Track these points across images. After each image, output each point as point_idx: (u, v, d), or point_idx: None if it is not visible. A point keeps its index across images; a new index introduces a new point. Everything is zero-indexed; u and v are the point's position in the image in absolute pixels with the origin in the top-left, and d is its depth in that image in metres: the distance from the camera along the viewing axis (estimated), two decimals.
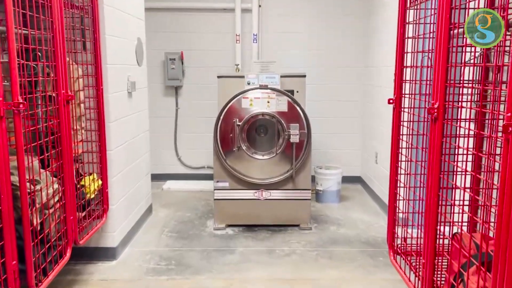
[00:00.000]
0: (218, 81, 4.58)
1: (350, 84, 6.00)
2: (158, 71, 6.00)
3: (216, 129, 4.30)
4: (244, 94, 4.28)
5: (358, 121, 6.07)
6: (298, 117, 4.27)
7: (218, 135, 4.30)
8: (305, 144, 4.30)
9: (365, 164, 5.94)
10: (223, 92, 4.50)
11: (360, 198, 5.55)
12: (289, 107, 4.26)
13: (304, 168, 4.39)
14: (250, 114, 4.25)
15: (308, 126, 4.29)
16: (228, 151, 4.32)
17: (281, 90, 4.30)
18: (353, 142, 6.12)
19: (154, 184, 5.91)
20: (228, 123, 4.27)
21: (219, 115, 4.29)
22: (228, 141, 4.29)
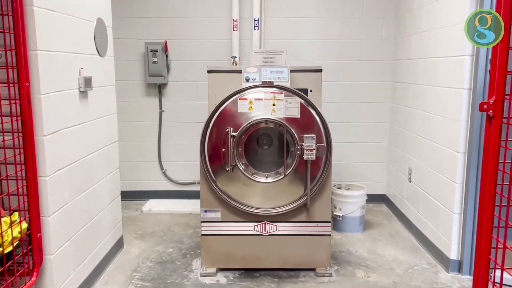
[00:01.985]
0: (209, 77, 3.50)
1: (376, 81, 4.86)
2: (137, 65, 4.87)
3: (204, 141, 3.17)
4: (241, 94, 3.15)
5: (385, 127, 4.92)
6: (314, 125, 3.13)
7: (206, 149, 3.17)
8: (323, 162, 3.17)
9: (392, 180, 4.80)
10: (214, 91, 3.42)
11: (389, 225, 4.40)
12: (302, 112, 3.13)
13: (322, 194, 3.26)
14: (249, 121, 3.11)
15: (328, 137, 3.15)
16: (220, 171, 3.18)
17: (291, 88, 3.16)
18: (377, 153, 4.98)
19: (132, 205, 4.82)
20: (219, 134, 3.14)
21: (207, 123, 3.16)
22: (219, 158, 3.16)
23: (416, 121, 4.04)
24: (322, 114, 3.15)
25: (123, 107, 4.88)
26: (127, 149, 4.98)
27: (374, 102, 4.88)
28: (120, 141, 4.99)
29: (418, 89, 4.00)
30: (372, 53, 4.79)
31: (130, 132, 4.96)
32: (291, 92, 3.14)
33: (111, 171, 3.54)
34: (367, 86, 4.85)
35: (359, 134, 4.93)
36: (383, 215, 4.67)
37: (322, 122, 3.13)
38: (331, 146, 3.15)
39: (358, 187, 4.26)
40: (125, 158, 4.99)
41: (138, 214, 4.69)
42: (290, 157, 3.15)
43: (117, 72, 4.91)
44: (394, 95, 4.74)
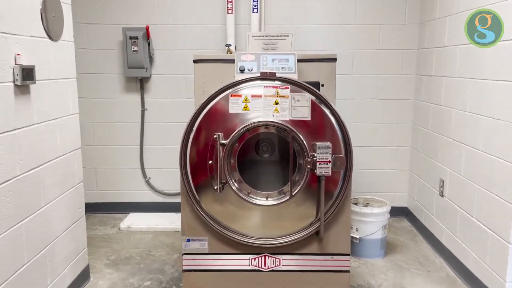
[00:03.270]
0: (195, 69, 2.86)
1: (396, 74, 4.09)
2: (114, 56, 4.12)
3: (184, 150, 2.43)
4: (233, 89, 2.41)
5: (407, 129, 4.17)
6: (329, 130, 2.38)
7: (188, 160, 2.42)
8: (342, 178, 2.42)
9: (416, 192, 4.04)
10: (202, 86, 2.74)
11: (415, 247, 3.65)
12: (313, 113, 2.38)
13: (339, 219, 2.52)
14: (244, 125, 2.36)
15: (347, 146, 2.40)
16: (206, 190, 2.44)
17: (299, 82, 2.41)
18: (398, 159, 4.22)
19: (109, 219, 4.09)
20: (205, 141, 2.39)
21: (188, 127, 2.42)
22: (205, 172, 2.41)
23: (450, 122, 3.28)
24: (340, 116, 2.40)
25: (98, 105, 4.15)
26: (104, 154, 4.25)
27: (395, 99, 4.12)
28: (96, 146, 4.28)
29: (453, 83, 3.24)
30: (392, 40, 4.03)
31: (107, 134, 4.22)
32: (299, 86, 2.39)
33: (71, 187, 2.79)
34: (386, 79, 4.09)
35: (376, 137, 4.18)
36: (406, 234, 3.92)
37: (340, 126, 2.38)
38: (351, 157, 2.40)
39: (379, 202, 3.50)
40: (102, 165, 4.27)
41: (115, 232, 3.94)
42: (298, 172, 2.41)
43: (91, 64, 4.20)
44: (419, 90, 3.98)
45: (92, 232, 3.89)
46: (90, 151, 4.25)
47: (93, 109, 4.19)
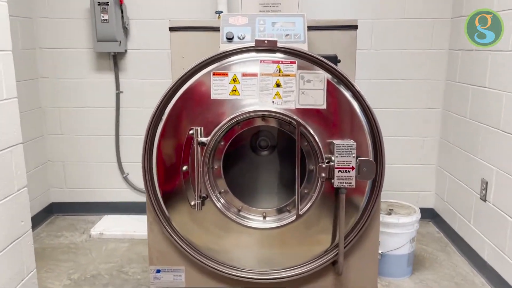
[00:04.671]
0: (172, 39, 2.26)
1: (425, 48, 3.36)
2: (80, 26, 3.40)
3: (149, 148, 1.73)
4: (217, 65, 1.69)
5: (437, 116, 3.45)
6: (353, 122, 1.68)
7: (155, 163, 1.73)
8: (369, 190, 1.72)
9: (446, 192, 3.36)
10: (180, 62, 2.12)
11: (447, 260, 2.98)
12: (331, 99, 1.67)
13: (363, 244, 1.83)
14: (232, 116, 1.65)
15: (377, 145, 1.70)
16: (179, 205, 1.76)
17: (311, 54, 1.69)
18: (424, 152, 3.52)
19: (79, 223, 3.49)
20: (178, 137, 1.69)
21: (155, 116, 1.71)
22: (178, 180, 1.72)
23: (500, 109, 2.57)
24: (368, 103, 1.69)
25: (63, 87, 3.49)
26: (73, 146, 3.57)
27: (422, 80, 3.40)
28: (63, 136, 3.55)
29: (503, 59, 2.51)
30: (420, 7, 3.28)
31: (76, 122, 3.53)
32: (311, 60, 1.68)
33: (8, 196, 2.10)
34: (411, 56, 3.36)
35: (398, 125, 3.47)
36: (435, 242, 3.25)
37: (368, 117, 1.68)
38: (383, 160, 1.70)
39: (405, 208, 2.82)
40: (71, 158, 3.60)
41: (84, 240, 3.28)
42: (307, 181, 1.71)
43: (53, 36, 3.41)
44: (453, 68, 3.25)
45: (56, 241, 3.23)
46: (56, 142, 3.57)
47: (57, 92, 3.49)
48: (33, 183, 3.43)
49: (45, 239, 3.28)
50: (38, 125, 3.51)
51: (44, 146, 3.58)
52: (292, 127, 1.67)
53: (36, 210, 3.48)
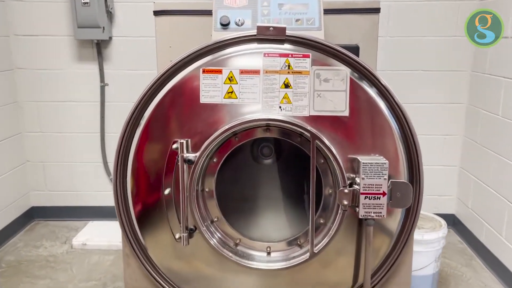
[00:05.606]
0: (157, 24, 1.90)
1: (447, 35, 2.96)
2: (60, 11, 3.01)
3: (123, 159, 1.35)
4: (208, 58, 1.30)
5: (461, 111, 3.08)
6: (384, 135, 1.30)
7: (130, 180, 1.35)
8: (402, 219, 1.35)
9: (472, 197, 2.99)
10: (168, 52, 1.79)
11: (475, 278, 2.64)
12: (355, 103, 1.28)
13: (394, 280, 1.45)
14: (227, 126, 1.27)
15: (415, 163, 1.32)
16: (160, 237, 1.38)
17: (330, 44, 1.30)
18: (446, 151, 3.15)
19: (62, 230, 3.22)
20: (159, 148, 1.31)
21: (131, 121, 1.33)
22: (159, 208, 1.35)
23: None
24: (404, 109, 1.31)
25: (42, 79, 3.14)
26: (54, 144, 3.22)
27: (444, 71, 3.01)
28: (43, 133, 3.13)
29: None
30: None
31: (57, 118, 3.16)
32: (329, 53, 1.29)
33: None
34: (433, 43, 2.97)
35: (416, 121, 3.03)
36: (458, 254, 2.90)
37: (403, 128, 1.30)
38: (421, 182, 1.33)
39: (429, 220, 2.45)
40: (51, 158, 3.25)
41: (65, 251, 2.93)
42: (323, 209, 1.34)
43: (29, 22, 2.89)
44: (481, 58, 2.87)
45: (34, 252, 2.89)
46: (35, 140, 3.21)
47: (35, 85, 3.11)
48: (10, 186, 3.10)
49: (22, 250, 2.93)
50: (15, 122, 3.14)
51: (22, 145, 3.22)
52: (304, 140, 1.30)
53: (14, 215, 3.15)
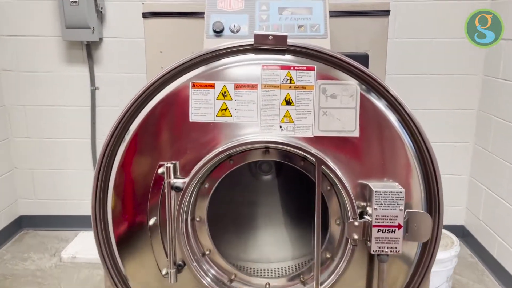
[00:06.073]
0: (146, 27, 1.78)
1: (458, 37, 2.80)
2: (47, 9, 2.84)
3: (102, 193, 1.19)
4: (199, 71, 1.14)
5: (471, 117, 2.91)
6: (398, 159, 1.14)
7: (111, 213, 1.19)
8: (418, 254, 1.19)
9: (483, 208, 2.84)
10: (158, 58, 1.61)
11: None
12: (365, 121, 1.12)
13: None
14: (221, 149, 1.11)
15: (434, 190, 1.16)
16: (145, 272, 1.22)
17: (337, 55, 1.14)
18: (455, 159, 2.99)
19: (51, 241, 3.10)
20: (144, 170, 1.15)
21: (109, 146, 1.17)
22: (144, 239, 1.18)
23: None
24: (421, 128, 1.15)
25: (30, 82, 2.98)
26: (43, 151, 3.06)
27: (453, 75, 2.85)
28: (31, 139, 2.94)
29: None
30: None
31: (46, 123, 3.01)
32: (336, 64, 1.13)
33: None
34: (442, 46, 2.81)
35: (425, 128, 2.91)
36: (469, 269, 2.74)
37: (420, 150, 1.14)
38: (440, 211, 1.17)
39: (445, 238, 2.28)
40: (41, 165, 3.10)
41: (54, 264, 2.78)
42: (330, 241, 1.18)
43: (15, 22, 2.68)
44: (493, 61, 2.71)
45: (21, 265, 2.74)
46: (23, 146, 3.05)
47: (23, 88, 2.96)
48: None
49: (8, 262, 2.78)
50: (1, 127, 2.99)
51: (9, 151, 3.06)
52: (308, 163, 1.14)
53: (2, 224, 3.01)
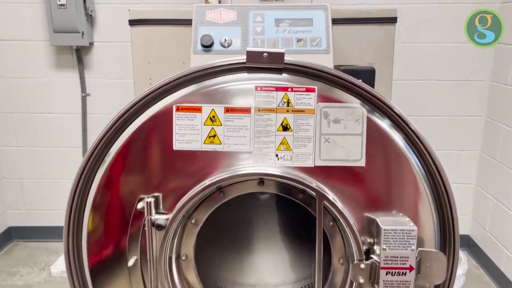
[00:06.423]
0: (133, 36, 1.61)
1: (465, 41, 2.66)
2: (35, 13, 2.71)
3: (76, 228, 1.06)
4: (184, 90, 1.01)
5: (478, 125, 2.79)
6: (409, 190, 1.01)
7: (85, 251, 1.06)
8: None
9: (490, 219, 2.73)
10: (146, 69, 1.44)
11: None
12: (372, 149, 0.99)
13: None
14: (209, 181, 0.98)
15: (449, 226, 1.03)
16: None
17: (341, 74, 1.01)
18: (460, 168, 2.88)
19: (41, 253, 3.04)
20: (119, 211, 1.02)
21: (82, 176, 1.04)
22: (123, 280, 1.06)
23: None
24: (436, 156, 1.03)
25: (18, 89, 2.88)
26: (32, 160, 2.96)
27: (459, 80, 2.73)
28: (19, 148, 2.81)
29: None
30: None
31: (35, 131, 2.89)
32: (340, 85, 1.00)
33: None
34: (448, 50, 2.69)
35: (429, 135, 2.74)
36: (475, 282, 2.63)
37: (428, 168, 1.02)
38: (455, 248, 1.04)
39: None
40: (30, 174, 3.00)
41: (43, 280, 2.66)
42: (331, 283, 1.06)
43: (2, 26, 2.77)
44: (502, 67, 2.58)
45: (8, 281, 2.63)
46: (12, 155, 2.93)
47: (10, 94, 2.83)
48: None
49: None
50: None
51: None
52: (308, 196, 1.01)
53: None
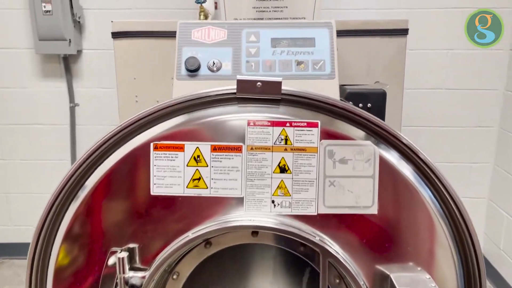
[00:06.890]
0: (116, 49, 1.39)
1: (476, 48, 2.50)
2: (19, 19, 2.56)
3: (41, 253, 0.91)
4: (164, 125, 0.85)
5: (491, 136, 2.63)
6: (425, 238, 0.85)
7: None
8: None
9: (504, 236, 2.57)
10: (132, 85, 1.27)
11: None
12: (384, 192, 0.83)
13: None
14: (193, 235, 0.82)
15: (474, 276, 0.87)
16: None
17: (349, 106, 0.85)
18: (472, 182, 2.72)
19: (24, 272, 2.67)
20: (88, 266, 0.87)
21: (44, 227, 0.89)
22: None
23: None
24: (458, 198, 0.87)
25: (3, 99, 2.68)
26: (19, 173, 2.83)
27: (471, 89, 2.57)
28: (5, 161, 2.69)
29: None
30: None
31: (22, 143, 2.75)
32: (347, 118, 0.84)
33: None
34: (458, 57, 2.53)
35: (438, 147, 2.65)
36: None
37: (449, 213, 0.86)
38: None
39: None
40: (17, 189, 2.91)
41: None
42: None
43: None
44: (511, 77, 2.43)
45: None
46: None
47: None
48: None
49: None
50: None
51: None
52: (310, 249, 0.86)
53: None
